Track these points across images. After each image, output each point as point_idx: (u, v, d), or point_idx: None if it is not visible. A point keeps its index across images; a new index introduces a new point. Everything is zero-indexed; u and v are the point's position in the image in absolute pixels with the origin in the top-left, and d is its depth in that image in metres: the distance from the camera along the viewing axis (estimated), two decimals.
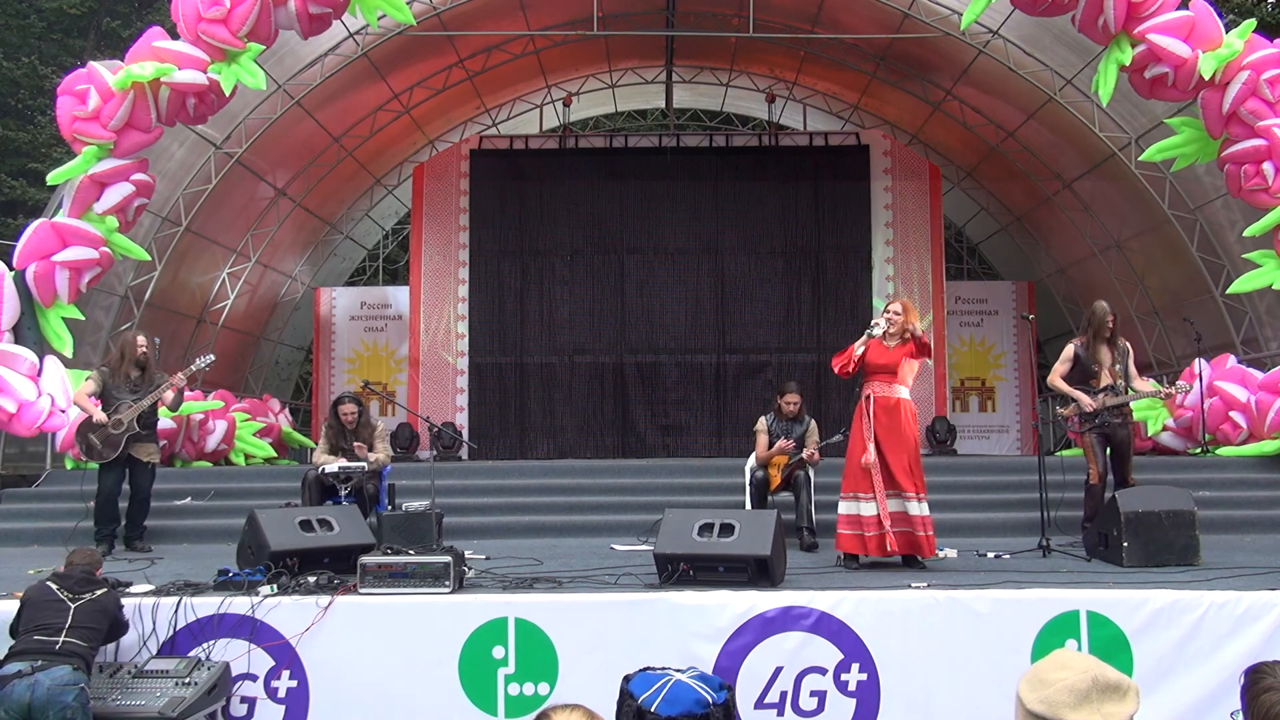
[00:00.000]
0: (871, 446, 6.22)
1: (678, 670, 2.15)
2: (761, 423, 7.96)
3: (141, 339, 7.81)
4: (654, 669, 2.16)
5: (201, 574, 5.62)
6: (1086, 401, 7.26)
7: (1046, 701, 1.89)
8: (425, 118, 14.82)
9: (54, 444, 9.69)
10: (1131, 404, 7.50)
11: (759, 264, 14.38)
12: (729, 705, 2.11)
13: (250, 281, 14.33)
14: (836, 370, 6.44)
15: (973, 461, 11.83)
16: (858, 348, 6.35)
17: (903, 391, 6.37)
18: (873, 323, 6.40)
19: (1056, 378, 7.51)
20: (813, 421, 7.98)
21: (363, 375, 14.67)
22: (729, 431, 13.81)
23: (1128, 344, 7.59)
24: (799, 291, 14.34)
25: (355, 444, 7.97)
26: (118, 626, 4.83)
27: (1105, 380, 7.33)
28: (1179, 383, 7.81)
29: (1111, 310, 7.52)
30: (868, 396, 6.34)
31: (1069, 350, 7.50)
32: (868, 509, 6.20)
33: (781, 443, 7.68)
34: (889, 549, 6.10)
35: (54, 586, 4.70)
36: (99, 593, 4.75)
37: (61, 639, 4.48)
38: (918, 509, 6.19)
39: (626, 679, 2.15)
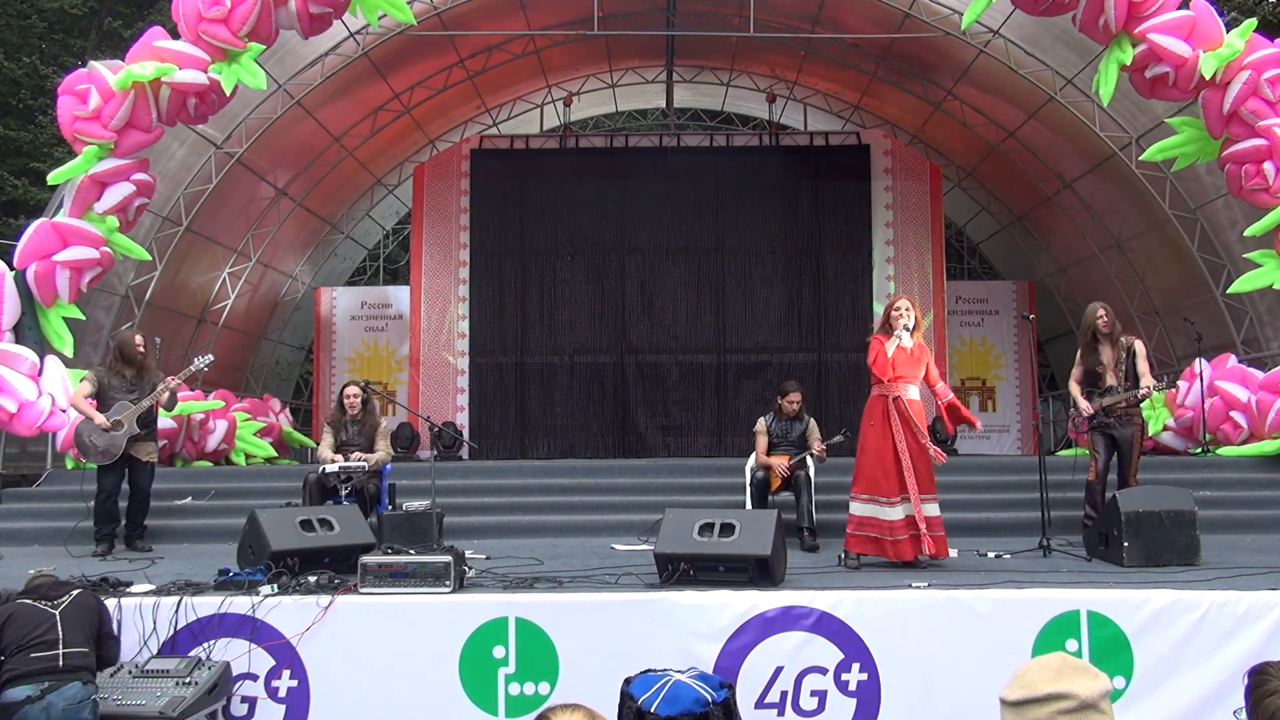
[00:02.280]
0: (905, 450, 6.19)
1: (678, 671, 2.14)
2: (761, 423, 7.97)
3: (139, 339, 7.80)
4: (655, 670, 2.16)
5: (202, 574, 5.62)
6: (1084, 407, 7.44)
7: (1025, 685, 1.97)
8: (426, 117, 14.82)
9: (54, 444, 9.69)
10: (1140, 403, 7.51)
11: (759, 264, 14.38)
12: (729, 704, 2.11)
13: (251, 281, 14.33)
14: (885, 377, 6.30)
15: (973, 461, 11.80)
16: (889, 349, 6.31)
17: (916, 392, 6.41)
18: (903, 326, 6.36)
19: (1072, 381, 7.77)
20: (811, 420, 7.99)
21: (363, 375, 14.66)
22: (729, 431, 13.81)
23: (1134, 342, 7.57)
24: (799, 291, 14.33)
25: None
26: (105, 635, 4.62)
27: (1109, 381, 7.34)
28: (1147, 384, 7.57)
29: (1104, 309, 7.53)
30: (896, 399, 6.28)
31: (1080, 353, 7.75)
32: (893, 513, 6.14)
33: (780, 465, 7.67)
34: (926, 551, 6.07)
35: (30, 600, 4.47)
36: (75, 593, 4.58)
37: (61, 652, 4.30)
38: (937, 510, 6.24)
39: (627, 681, 2.15)
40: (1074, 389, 7.66)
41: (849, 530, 6.33)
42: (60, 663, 4.30)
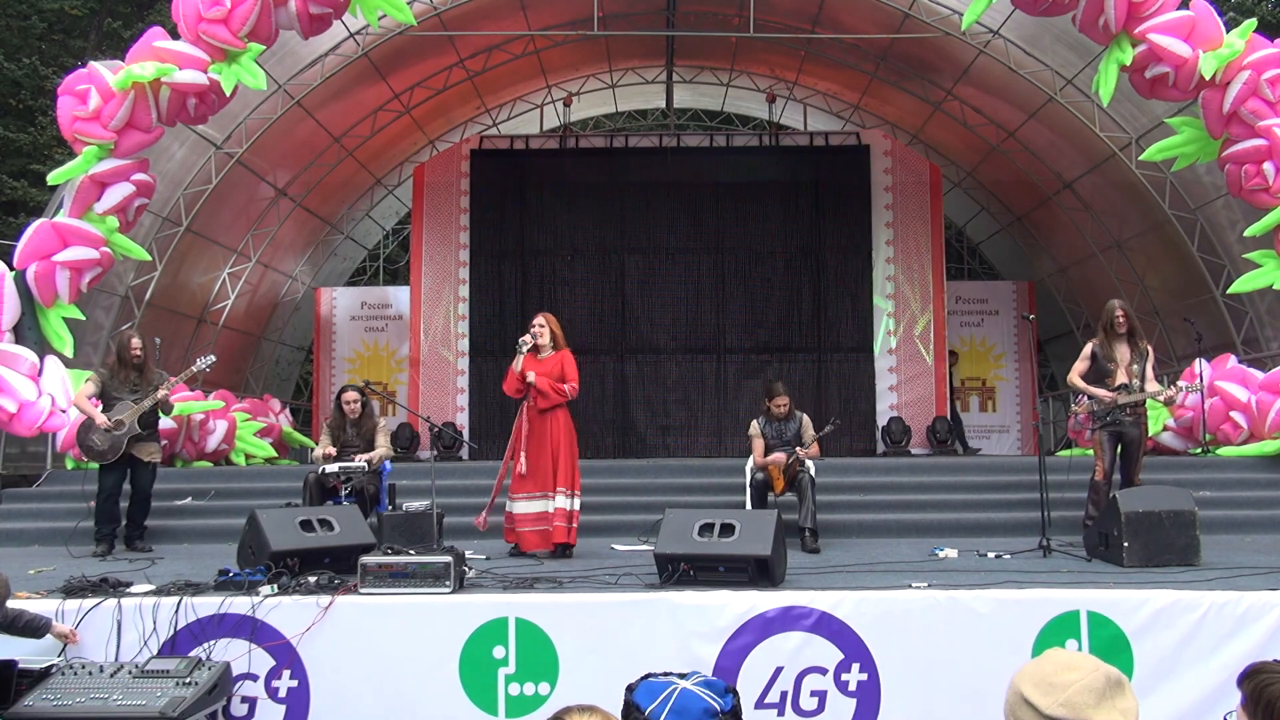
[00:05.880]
0: (523, 455, 6.97)
1: (680, 676, 2.11)
2: (754, 426, 7.93)
3: (136, 340, 7.79)
4: (656, 676, 2.12)
5: (202, 574, 5.62)
6: (1106, 395, 7.22)
7: (1068, 704, 1.86)
8: (425, 118, 14.82)
9: (54, 444, 9.68)
10: (1146, 404, 7.48)
11: (759, 264, 14.38)
12: (736, 710, 2.08)
13: (250, 281, 14.32)
14: (510, 394, 7.15)
15: (973, 461, 11.81)
16: (516, 367, 7.05)
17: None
18: (520, 341, 7.06)
19: (1075, 375, 7.54)
20: (805, 417, 7.95)
21: (363, 375, 14.69)
22: (729, 431, 13.81)
23: (1149, 347, 7.57)
24: (799, 291, 14.33)
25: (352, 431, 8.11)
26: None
27: (1121, 379, 7.26)
28: (1180, 383, 7.78)
29: (1124, 307, 7.45)
30: (527, 407, 7.04)
31: (1087, 349, 7.53)
32: (524, 507, 6.91)
33: (776, 456, 7.67)
34: (539, 544, 6.81)
35: None
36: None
37: None
38: (570, 503, 6.88)
39: (630, 689, 2.11)
40: (1080, 383, 7.42)
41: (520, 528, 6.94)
42: None
